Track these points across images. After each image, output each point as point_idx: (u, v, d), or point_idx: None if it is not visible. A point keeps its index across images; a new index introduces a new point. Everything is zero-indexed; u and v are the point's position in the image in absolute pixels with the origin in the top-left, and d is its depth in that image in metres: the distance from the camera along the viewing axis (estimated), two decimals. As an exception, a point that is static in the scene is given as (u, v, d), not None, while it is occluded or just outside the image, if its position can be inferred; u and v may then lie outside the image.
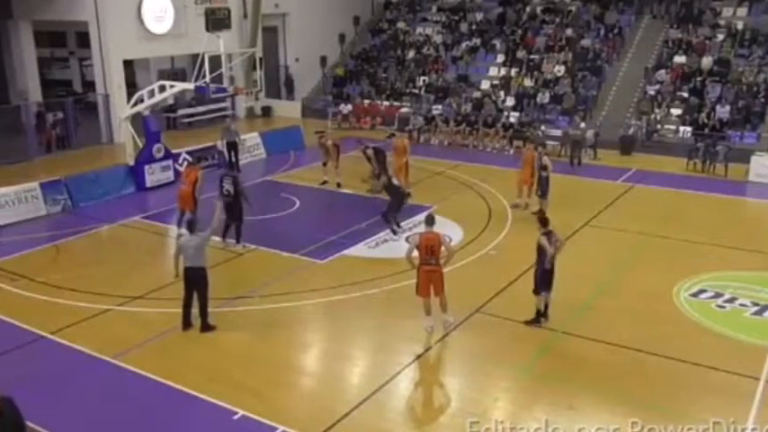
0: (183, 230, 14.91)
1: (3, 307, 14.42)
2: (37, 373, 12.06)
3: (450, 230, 17.80)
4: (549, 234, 13.13)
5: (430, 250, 12.93)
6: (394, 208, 18.54)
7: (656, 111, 29.69)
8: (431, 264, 12.98)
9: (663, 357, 12.30)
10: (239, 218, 17.51)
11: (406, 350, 12.82)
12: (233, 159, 25.02)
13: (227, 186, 17.45)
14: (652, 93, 30.51)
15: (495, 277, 15.60)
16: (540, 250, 13.12)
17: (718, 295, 14.75)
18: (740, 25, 32.36)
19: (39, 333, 13.33)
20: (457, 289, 13.92)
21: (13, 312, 14.14)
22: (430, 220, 13.37)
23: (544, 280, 13.21)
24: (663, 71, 31.21)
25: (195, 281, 13.10)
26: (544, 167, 19.61)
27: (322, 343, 13.81)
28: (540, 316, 13.42)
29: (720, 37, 32.05)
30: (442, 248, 13.07)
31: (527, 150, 21.16)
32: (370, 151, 21.26)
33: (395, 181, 19.16)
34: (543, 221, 13.28)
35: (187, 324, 13.33)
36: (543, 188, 19.57)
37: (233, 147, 25.03)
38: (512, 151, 28.20)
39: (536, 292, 13.36)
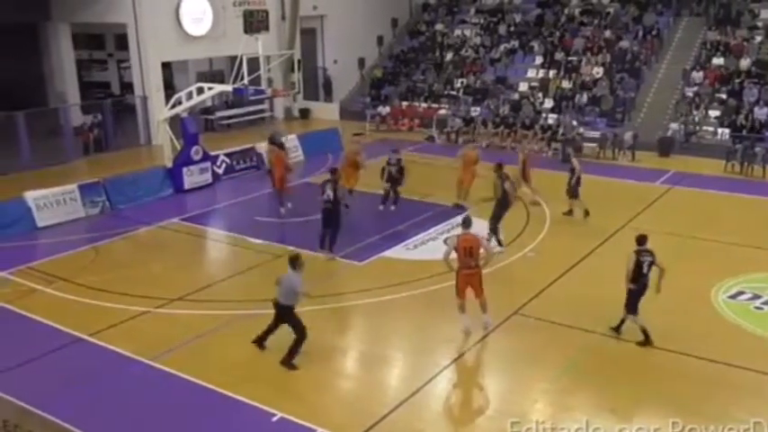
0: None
1: (41, 309, 14.41)
2: (75, 374, 12.01)
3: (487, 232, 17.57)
4: (643, 253, 12.45)
5: (468, 252, 12.72)
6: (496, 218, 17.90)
7: (695, 112, 29.30)
8: (470, 266, 12.78)
9: (701, 359, 12.20)
10: (337, 224, 16.97)
11: (445, 352, 12.74)
12: None
13: (328, 192, 16.77)
14: (690, 94, 30.14)
15: (534, 279, 15.48)
16: (636, 270, 12.42)
17: (756, 297, 14.56)
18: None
19: (77, 335, 13.27)
20: (495, 291, 13.85)
21: (51, 314, 14.10)
22: (467, 222, 13.17)
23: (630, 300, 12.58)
24: (700, 73, 30.80)
25: (282, 316, 12.15)
26: (572, 169, 19.55)
27: (360, 345, 13.65)
28: (646, 335, 12.61)
29: (759, 38, 31.63)
30: (481, 250, 12.86)
31: (469, 150, 21.41)
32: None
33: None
34: (640, 240, 12.67)
35: (261, 343, 12.52)
36: (574, 189, 19.50)
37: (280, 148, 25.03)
38: (550, 153, 28.10)
39: (628, 311, 12.67)
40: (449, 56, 36.92)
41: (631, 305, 12.55)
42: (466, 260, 12.74)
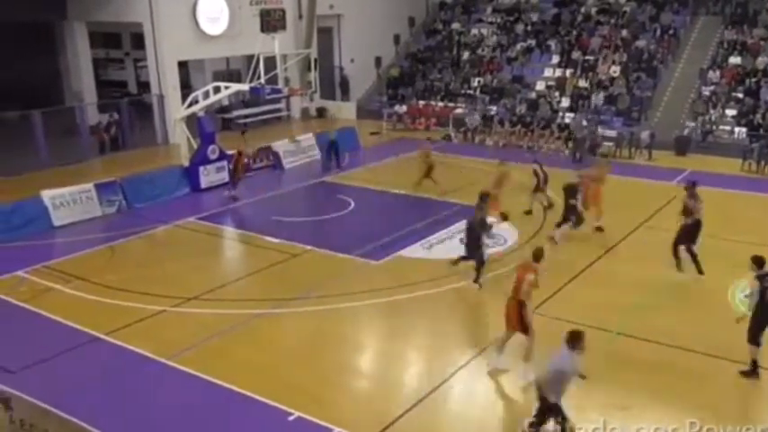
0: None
1: (58, 308, 14.38)
2: (92, 373, 11.99)
3: (504, 231, 17.55)
4: (765, 278, 11.55)
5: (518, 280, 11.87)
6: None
7: (711, 111, 29.13)
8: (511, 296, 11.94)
9: (716, 357, 12.13)
10: (474, 256, 15.29)
11: (461, 351, 12.69)
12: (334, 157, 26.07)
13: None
14: (707, 93, 29.95)
15: (551, 278, 14.93)
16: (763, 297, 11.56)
17: None
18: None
19: (93, 334, 13.23)
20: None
21: (67, 313, 14.08)
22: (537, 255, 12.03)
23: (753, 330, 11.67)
24: (717, 72, 30.58)
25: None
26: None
27: (377, 344, 13.57)
28: (756, 367, 11.75)
29: (776, 38, 31.46)
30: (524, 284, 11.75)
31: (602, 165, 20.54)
32: (536, 167, 20.13)
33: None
34: (760, 262, 11.72)
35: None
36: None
37: (334, 145, 26.09)
38: (567, 152, 27.95)
39: (750, 341, 11.86)
40: (465, 55, 36.76)
41: (753, 335, 11.55)
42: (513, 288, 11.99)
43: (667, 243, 17.22)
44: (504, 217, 15.88)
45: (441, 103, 34.04)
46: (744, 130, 27.69)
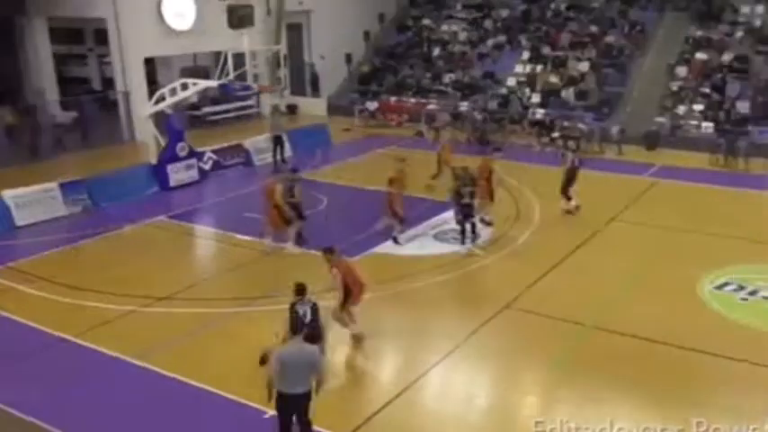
0: None
1: (20, 309, 14.06)
2: (58, 375, 11.74)
3: (478, 226, 17.79)
4: None
5: None
6: None
7: (680, 106, 29.37)
8: None
9: (688, 350, 12.28)
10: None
11: (436, 347, 12.66)
12: (278, 155, 25.02)
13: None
14: (675, 89, 30.22)
15: (524, 273, 15.51)
16: None
17: (741, 288, 14.77)
18: (758, 22, 32.23)
19: (60, 335, 12.94)
20: (485, 285, 14.92)
21: (31, 314, 13.76)
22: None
23: None
24: (684, 67, 30.95)
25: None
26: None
27: (351, 342, 13.21)
28: None
29: (740, 33, 31.83)
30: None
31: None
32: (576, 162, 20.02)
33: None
34: None
35: None
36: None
37: (279, 141, 25.01)
38: (538, 148, 28.01)
39: None
40: (437, 51, 36.73)
41: None
42: None
43: (639, 236, 17.97)
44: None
45: (412, 100, 33.89)
46: (711, 124, 27.95)
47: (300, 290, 10.77)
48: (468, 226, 17.17)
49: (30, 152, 25.78)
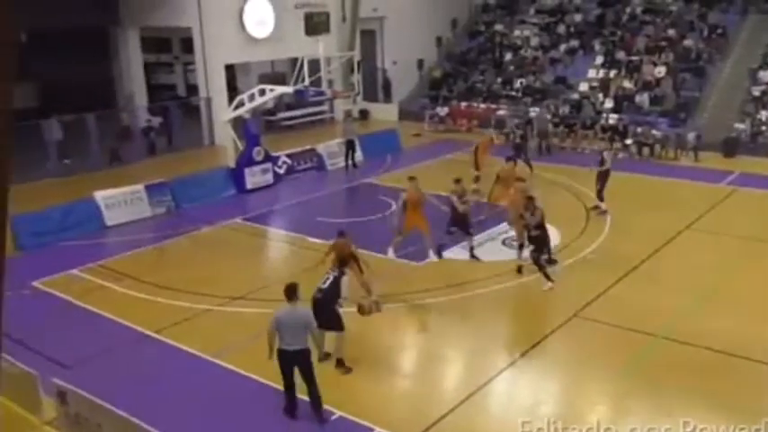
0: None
1: (109, 306, 14.84)
2: (142, 370, 12.38)
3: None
4: None
5: None
6: None
7: (761, 112, 28.62)
8: None
9: (765, 364, 11.92)
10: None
11: (503, 353, 12.80)
12: (350, 159, 26.00)
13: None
14: (757, 94, 29.47)
15: (595, 281, 15.30)
16: None
17: None
18: None
19: (143, 331, 13.68)
20: (555, 292, 14.51)
21: (119, 311, 14.54)
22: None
23: None
24: (767, 72, 30.09)
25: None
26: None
27: (419, 344, 13.74)
28: None
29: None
30: None
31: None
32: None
33: None
34: None
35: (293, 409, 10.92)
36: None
37: (351, 145, 25.84)
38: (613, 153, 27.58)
39: None
40: (508, 56, 36.79)
41: None
42: None
43: (716, 246, 17.34)
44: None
45: (483, 105, 34.09)
46: (794, 131, 27.13)
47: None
48: (543, 258, 15.35)
49: (111, 156, 27.08)
